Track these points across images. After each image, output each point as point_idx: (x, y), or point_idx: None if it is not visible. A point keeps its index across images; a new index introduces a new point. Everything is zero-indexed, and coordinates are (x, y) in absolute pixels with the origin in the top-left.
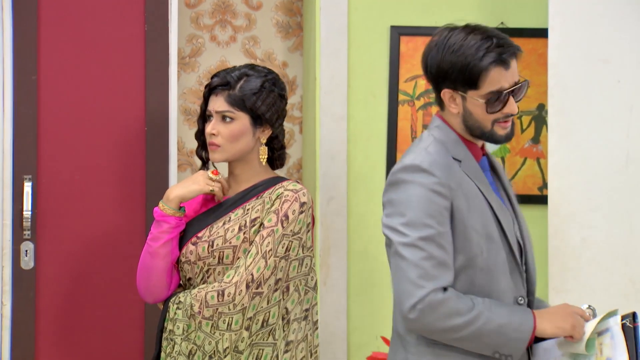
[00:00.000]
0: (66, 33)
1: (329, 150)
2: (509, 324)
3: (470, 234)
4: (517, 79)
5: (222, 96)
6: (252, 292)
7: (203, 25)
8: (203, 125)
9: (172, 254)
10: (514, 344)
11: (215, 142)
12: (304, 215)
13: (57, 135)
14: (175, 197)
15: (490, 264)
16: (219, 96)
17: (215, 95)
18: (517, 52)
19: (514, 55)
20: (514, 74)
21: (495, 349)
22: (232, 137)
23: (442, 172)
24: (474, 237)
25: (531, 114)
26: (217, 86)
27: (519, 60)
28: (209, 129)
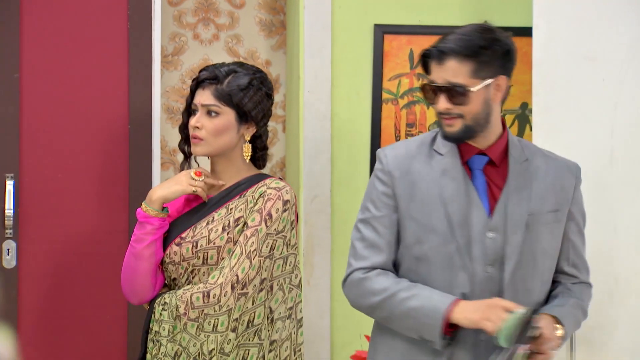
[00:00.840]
0: (49, 31)
1: (313, 149)
2: (421, 309)
3: (406, 222)
4: (448, 79)
5: (209, 90)
6: (237, 293)
7: (186, 24)
8: (187, 118)
9: (156, 255)
10: (427, 329)
11: (199, 136)
12: (287, 213)
13: (40, 133)
14: (158, 198)
15: (429, 255)
16: (205, 90)
17: (202, 88)
18: (450, 53)
19: (445, 54)
20: (446, 73)
21: (418, 333)
22: (216, 131)
23: (392, 161)
24: (411, 225)
25: (514, 113)
26: (205, 80)
27: (462, 65)
28: (193, 122)
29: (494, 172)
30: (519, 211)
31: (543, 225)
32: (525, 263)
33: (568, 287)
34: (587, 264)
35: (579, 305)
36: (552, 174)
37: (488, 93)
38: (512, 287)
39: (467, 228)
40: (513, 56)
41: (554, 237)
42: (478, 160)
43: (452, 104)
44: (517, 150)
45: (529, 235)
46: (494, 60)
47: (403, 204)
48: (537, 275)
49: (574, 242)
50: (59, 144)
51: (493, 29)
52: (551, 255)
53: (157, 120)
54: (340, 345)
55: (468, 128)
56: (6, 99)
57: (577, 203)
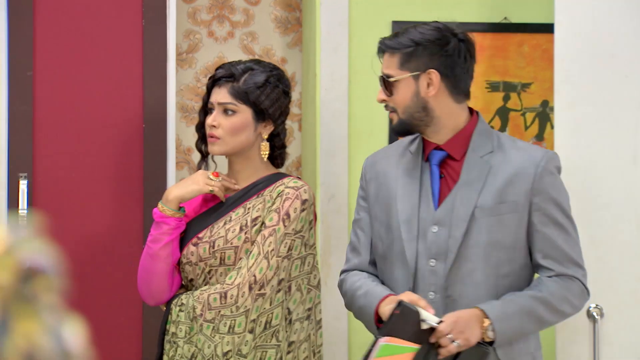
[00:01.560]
0: (62, 28)
1: (330, 148)
2: (364, 306)
3: (374, 222)
4: (385, 72)
5: (226, 88)
6: (255, 293)
7: (200, 21)
8: (204, 117)
9: (172, 256)
10: (369, 325)
11: (215, 135)
12: (305, 212)
13: (54, 132)
14: (175, 198)
15: (388, 253)
16: (222, 88)
17: (218, 87)
18: (384, 47)
19: (381, 49)
20: (383, 66)
21: (369, 329)
22: (233, 130)
23: (368, 165)
24: (376, 225)
25: (535, 111)
26: (221, 78)
27: (393, 57)
28: (209, 121)
29: (455, 166)
30: (465, 204)
31: (493, 217)
32: (473, 256)
33: (540, 280)
34: (573, 254)
35: (541, 299)
36: (513, 165)
37: (417, 86)
38: (458, 280)
39: (416, 223)
40: (454, 53)
41: (508, 229)
42: (435, 155)
43: (384, 96)
44: (481, 143)
45: (476, 228)
46: (422, 54)
47: (371, 206)
48: (489, 268)
49: (545, 233)
50: (73, 143)
51: (438, 26)
52: (507, 247)
53: (171, 119)
54: (358, 348)
55: (402, 122)
56: (20, 98)
57: (542, 193)
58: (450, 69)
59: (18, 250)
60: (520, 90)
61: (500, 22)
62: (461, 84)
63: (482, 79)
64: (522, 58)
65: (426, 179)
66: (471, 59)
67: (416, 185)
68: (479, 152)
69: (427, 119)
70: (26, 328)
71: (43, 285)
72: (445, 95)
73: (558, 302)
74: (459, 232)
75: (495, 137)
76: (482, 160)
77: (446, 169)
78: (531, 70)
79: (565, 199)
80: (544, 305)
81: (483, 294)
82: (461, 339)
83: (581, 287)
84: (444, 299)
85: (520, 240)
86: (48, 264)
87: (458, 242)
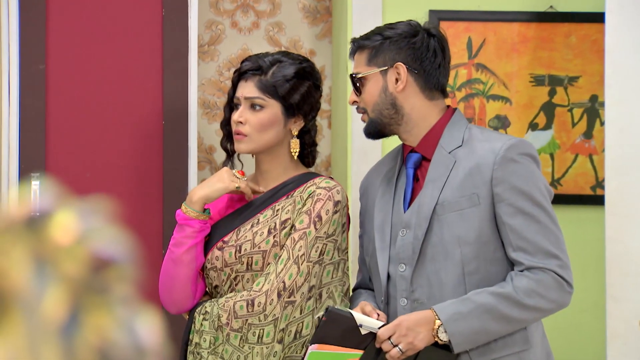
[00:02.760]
0: (76, 18)
1: (362, 146)
2: None
3: (364, 237)
4: (353, 71)
5: (253, 82)
6: (284, 301)
7: (223, 11)
8: (229, 113)
9: (197, 260)
10: None
11: (242, 131)
12: (338, 215)
13: (67, 130)
14: (200, 199)
15: (371, 264)
16: (248, 82)
17: (244, 80)
18: (354, 47)
19: (352, 49)
20: (354, 66)
21: None
22: (261, 126)
23: (364, 177)
24: (365, 239)
25: (583, 107)
26: (248, 71)
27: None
28: (235, 117)
29: (428, 167)
30: (427, 202)
31: (454, 212)
32: (437, 255)
33: (508, 276)
34: (545, 244)
35: (502, 295)
36: (475, 157)
37: (385, 82)
38: (424, 283)
39: (389, 230)
40: (421, 46)
41: (469, 223)
42: (411, 158)
43: (354, 96)
44: (449, 138)
45: (437, 225)
46: (390, 48)
47: (363, 219)
48: (453, 266)
49: (512, 225)
50: (88, 142)
51: (410, 22)
52: (471, 242)
53: (193, 116)
54: None
55: (373, 122)
56: (31, 93)
57: (503, 182)
58: (419, 63)
59: (88, 239)
60: (567, 84)
61: (545, 10)
62: (432, 79)
63: (526, 72)
64: (569, 49)
65: (401, 184)
66: (442, 54)
67: (391, 191)
68: (447, 147)
69: (397, 117)
70: (98, 322)
71: (115, 276)
72: (415, 91)
73: (524, 297)
74: (421, 231)
75: (467, 131)
76: (449, 155)
77: (421, 171)
78: (579, 63)
79: (533, 186)
80: (506, 301)
81: (450, 295)
82: (404, 343)
83: (556, 279)
84: (412, 303)
85: (485, 235)
86: (120, 253)
87: (420, 242)
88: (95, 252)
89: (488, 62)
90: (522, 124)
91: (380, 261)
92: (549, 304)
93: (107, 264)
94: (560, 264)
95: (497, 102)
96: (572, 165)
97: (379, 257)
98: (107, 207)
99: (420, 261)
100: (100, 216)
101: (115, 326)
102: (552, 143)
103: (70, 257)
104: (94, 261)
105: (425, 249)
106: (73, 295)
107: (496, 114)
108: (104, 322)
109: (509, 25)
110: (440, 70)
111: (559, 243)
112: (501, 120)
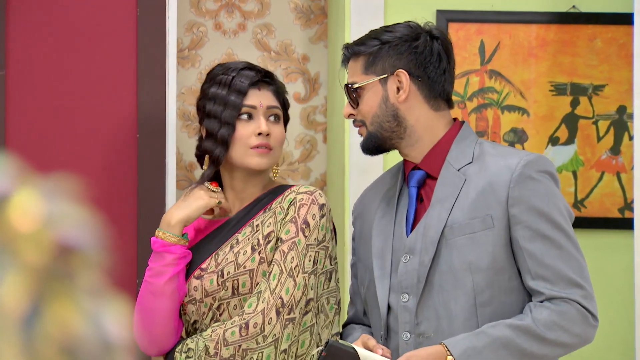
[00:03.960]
0: (41, 19)
1: (361, 163)
2: None
3: (359, 264)
4: (348, 81)
5: (270, 91)
6: (283, 318)
7: (205, 11)
8: (233, 120)
9: (179, 291)
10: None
11: (271, 144)
12: (325, 219)
13: (28, 144)
14: (179, 221)
15: (367, 296)
16: (264, 90)
17: (257, 89)
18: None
19: (345, 56)
20: (348, 75)
21: None
22: (282, 139)
23: (358, 198)
24: (360, 268)
25: (609, 119)
26: (260, 80)
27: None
28: (264, 127)
29: (433, 185)
30: (434, 225)
31: (465, 236)
32: (446, 284)
33: (527, 307)
34: (568, 272)
35: (521, 328)
36: (488, 174)
37: (385, 91)
38: (431, 315)
39: (389, 257)
40: (424, 50)
41: (483, 248)
42: (413, 176)
43: (350, 109)
44: (458, 154)
45: (446, 250)
46: (389, 54)
47: (357, 246)
48: (464, 296)
49: (530, 250)
50: (52, 158)
51: (409, 24)
52: (484, 269)
53: (171, 129)
54: None
55: (372, 136)
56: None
57: (521, 202)
58: (422, 69)
59: (52, 223)
60: (592, 93)
61: (567, 11)
62: (437, 86)
63: (546, 79)
64: (594, 55)
65: (403, 205)
66: (447, 58)
67: (391, 213)
68: (456, 164)
69: (399, 130)
70: (61, 314)
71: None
72: (419, 100)
73: (545, 330)
74: (427, 257)
75: (477, 146)
76: (458, 173)
77: (425, 190)
78: (605, 70)
79: (553, 207)
80: (525, 335)
81: (461, 328)
82: None
83: (580, 311)
84: (416, 337)
85: (500, 261)
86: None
87: (426, 268)
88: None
89: (503, 69)
90: (541, 138)
91: (379, 291)
92: (572, 338)
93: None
94: (585, 294)
95: (513, 114)
96: (598, 184)
97: (378, 286)
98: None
99: (427, 290)
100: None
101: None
102: (574, 159)
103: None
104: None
105: (432, 277)
106: (34, 285)
107: (512, 126)
108: (67, 315)
109: (526, 27)
110: (446, 77)
111: (582, 270)
112: (518, 134)
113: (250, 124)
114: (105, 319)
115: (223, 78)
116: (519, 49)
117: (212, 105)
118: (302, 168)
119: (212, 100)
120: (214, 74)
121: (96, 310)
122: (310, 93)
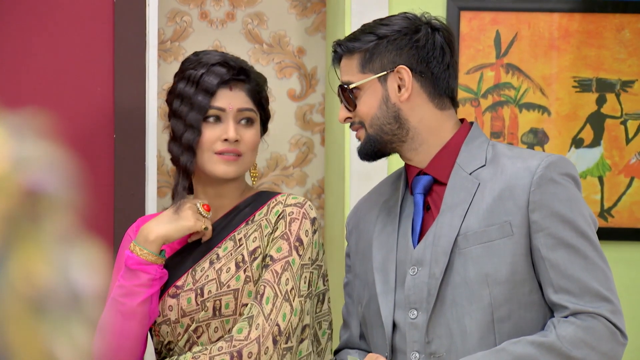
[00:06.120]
0: (8, 7)
1: (363, 168)
2: None
3: (355, 281)
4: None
5: (242, 90)
6: (280, 348)
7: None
8: (199, 124)
9: (150, 315)
10: None
11: (240, 151)
12: (317, 235)
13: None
14: (158, 238)
15: (366, 315)
16: (235, 90)
17: (228, 88)
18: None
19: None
20: (340, 74)
21: None
22: (254, 145)
23: (353, 209)
24: (357, 285)
25: (639, 119)
26: (232, 78)
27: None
28: (231, 133)
29: (442, 192)
30: (446, 234)
31: (481, 244)
32: (460, 298)
33: (550, 322)
34: (594, 284)
35: (544, 345)
36: (505, 177)
37: (385, 90)
38: (444, 332)
39: (393, 270)
40: (426, 43)
41: (501, 258)
42: (419, 182)
43: (346, 112)
44: (469, 157)
45: (460, 261)
46: (388, 49)
47: (353, 261)
48: (480, 311)
49: (553, 260)
50: None
51: (407, 16)
52: (502, 281)
53: (152, 129)
54: None
55: (371, 140)
56: None
57: (543, 207)
58: (425, 64)
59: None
60: (620, 90)
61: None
62: (441, 83)
63: (569, 74)
64: (622, 47)
65: (406, 215)
66: (451, 52)
67: (394, 224)
68: (467, 167)
69: (401, 133)
70: (26, 264)
71: (49, 208)
72: (422, 99)
73: (570, 347)
74: (439, 269)
75: (490, 148)
76: (470, 177)
77: (432, 197)
78: (634, 64)
79: (577, 214)
80: (550, 354)
81: (477, 347)
82: None
83: (608, 327)
84: (427, 358)
85: (520, 272)
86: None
87: (438, 281)
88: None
89: (521, 63)
90: (564, 140)
91: (383, 307)
92: (599, 356)
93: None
94: (612, 308)
95: (532, 112)
96: (627, 191)
97: (382, 302)
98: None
99: (438, 305)
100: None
101: (47, 268)
102: (601, 163)
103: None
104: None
105: (445, 291)
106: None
107: (531, 127)
108: (32, 264)
109: (547, 15)
110: (450, 72)
111: (609, 283)
112: (537, 135)
113: (217, 128)
114: (74, 267)
115: (192, 74)
116: (539, 40)
117: (179, 105)
118: (297, 173)
119: (179, 98)
120: (185, 66)
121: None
122: (307, 90)
